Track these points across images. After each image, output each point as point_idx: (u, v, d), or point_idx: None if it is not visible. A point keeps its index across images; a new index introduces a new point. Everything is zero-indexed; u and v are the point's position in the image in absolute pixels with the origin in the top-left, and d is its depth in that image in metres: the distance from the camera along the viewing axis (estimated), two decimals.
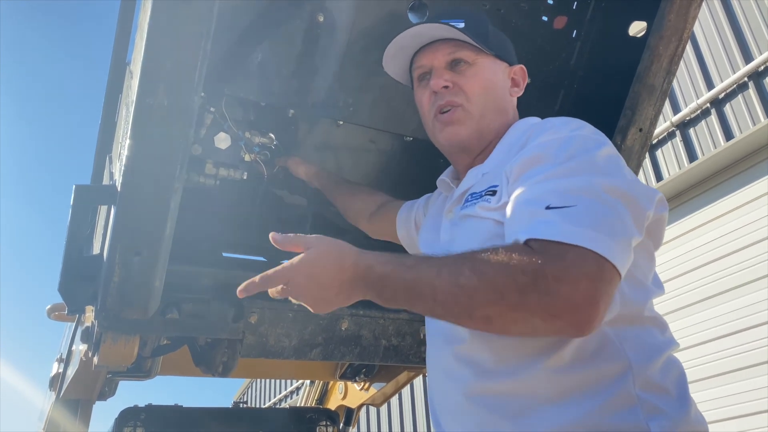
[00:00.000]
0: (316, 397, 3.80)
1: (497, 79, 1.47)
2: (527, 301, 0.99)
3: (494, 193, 1.24)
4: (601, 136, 1.23)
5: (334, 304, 1.18)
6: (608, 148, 1.20)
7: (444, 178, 1.58)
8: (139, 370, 1.93)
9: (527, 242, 1.04)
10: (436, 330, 1.39)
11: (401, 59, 1.55)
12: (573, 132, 1.21)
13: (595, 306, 1.00)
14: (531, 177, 1.16)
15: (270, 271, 1.16)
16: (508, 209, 1.15)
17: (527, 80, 1.54)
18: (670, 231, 6.18)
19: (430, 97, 1.46)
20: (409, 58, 1.54)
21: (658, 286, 1.28)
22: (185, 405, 3.03)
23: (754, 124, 5.33)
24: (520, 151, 1.24)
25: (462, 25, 1.42)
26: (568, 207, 1.06)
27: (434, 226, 1.49)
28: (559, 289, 0.98)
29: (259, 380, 16.84)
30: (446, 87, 1.43)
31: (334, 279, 1.14)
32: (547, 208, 1.07)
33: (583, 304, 0.99)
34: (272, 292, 1.18)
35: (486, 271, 1.02)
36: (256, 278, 1.16)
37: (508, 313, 1.02)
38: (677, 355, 1.23)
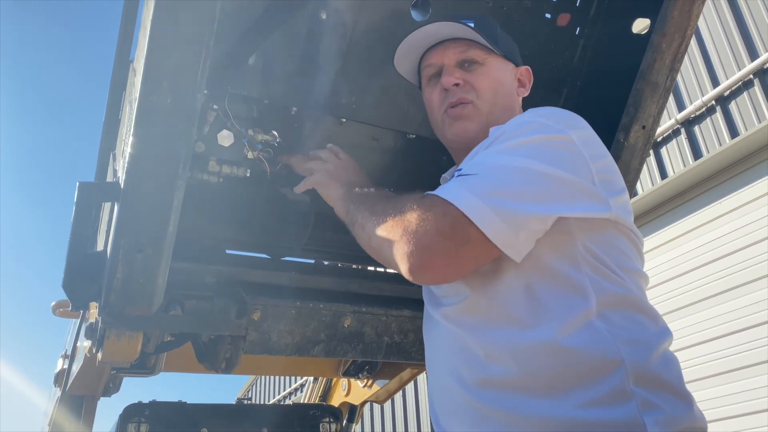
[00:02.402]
0: (319, 394, 3.81)
1: (506, 79, 1.51)
2: (391, 233, 1.18)
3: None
4: (560, 125, 1.25)
5: (331, 182, 1.54)
6: (558, 136, 1.22)
7: (446, 176, 1.62)
8: (143, 367, 1.94)
9: (425, 194, 1.21)
10: (431, 326, 1.41)
11: (411, 58, 1.59)
12: (532, 118, 1.26)
13: (431, 256, 1.12)
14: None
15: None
16: None
17: (532, 80, 1.56)
18: (674, 229, 6.17)
19: (440, 95, 1.50)
20: (419, 58, 1.58)
21: (643, 276, 1.29)
22: (189, 401, 3.04)
23: (760, 122, 5.32)
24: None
25: (472, 25, 1.46)
26: (469, 175, 1.18)
27: None
28: (411, 231, 1.14)
29: (263, 377, 16.89)
30: (457, 84, 1.47)
31: (354, 173, 1.58)
32: (458, 176, 1.20)
33: (420, 251, 1.12)
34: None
35: (387, 204, 1.25)
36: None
37: (380, 238, 1.21)
38: (676, 352, 1.23)
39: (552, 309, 1.16)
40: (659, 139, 6.24)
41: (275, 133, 1.78)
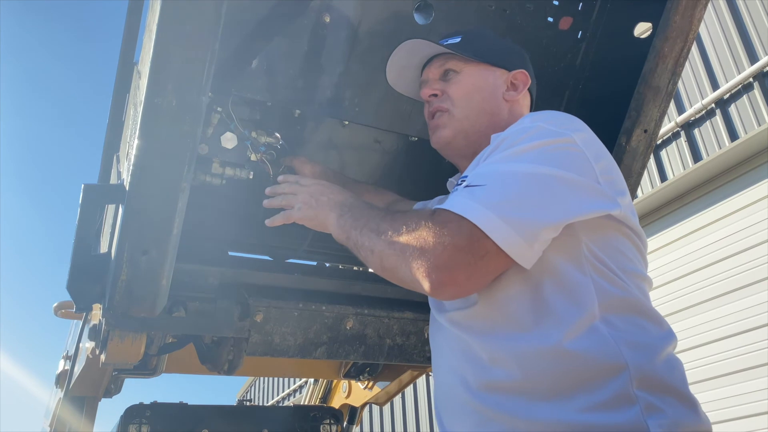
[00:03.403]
0: (319, 396, 3.81)
1: (485, 84, 1.54)
2: (405, 253, 1.16)
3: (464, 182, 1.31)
4: (562, 128, 1.25)
5: (318, 211, 1.45)
6: (561, 139, 1.22)
7: (452, 180, 1.64)
8: (145, 368, 1.94)
9: (434, 210, 1.19)
10: (437, 330, 1.41)
11: (411, 77, 1.67)
12: (533, 123, 1.27)
13: (451, 272, 1.12)
14: (482, 164, 1.27)
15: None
16: None
17: (529, 83, 1.57)
18: (675, 231, 6.18)
19: (426, 107, 1.60)
20: (419, 77, 1.65)
21: (646, 279, 1.29)
22: (190, 402, 3.04)
23: (759, 125, 5.32)
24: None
25: (458, 40, 1.55)
26: (477, 186, 1.17)
27: None
28: (427, 249, 1.13)
29: (263, 378, 16.87)
30: (434, 95, 1.56)
31: (332, 192, 1.47)
32: (465, 187, 1.20)
33: (440, 268, 1.12)
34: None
35: (395, 223, 1.22)
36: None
37: (393, 258, 1.19)
38: (678, 354, 1.23)
39: (557, 312, 1.16)
40: (659, 142, 6.24)
41: (278, 135, 1.79)
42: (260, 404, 15.09)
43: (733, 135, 5.55)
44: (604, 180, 1.22)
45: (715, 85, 5.84)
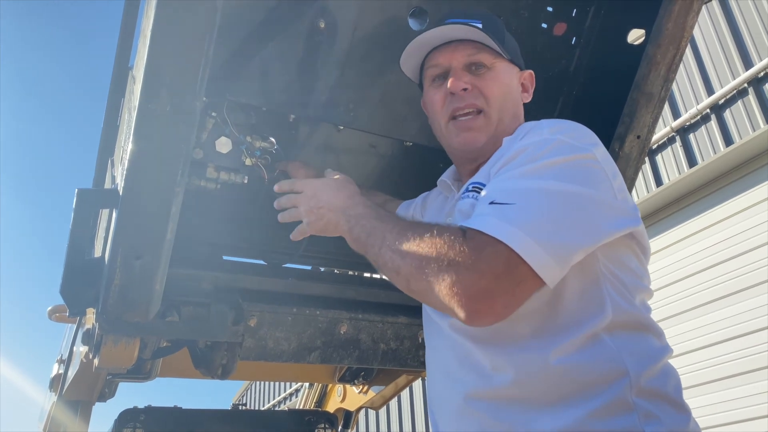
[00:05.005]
0: (314, 400, 3.80)
1: (512, 84, 1.47)
2: (438, 278, 1.08)
3: (479, 190, 1.28)
4: (583, 143, 1.22)
5: (326, 223, 1.41)
6: (583, 155, 1.19)
7: (444, 178, 1.60)
8: (139, 372, 1.94)
9: (463, 229, 1.11)
10: (436, 334, 1.40)
11: (416, 57, 1.52)
12: (553, 135, 1.22)
13: (489, 300, 1.05)
14: (500, 175, 1.21)
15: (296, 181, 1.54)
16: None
17: (535, 85, 1.55)
18: (670, 236, 6.20)
19: (445, 98, 1.44)
20: (423, 57, 1.51)
21: (649, 293, 1.30)
22: (184, 406, 3.04)
23: (754, 130, 5.35)
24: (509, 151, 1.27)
25: (480, 25, 1.40)
26: (506, 204, 1.11)
27: None
28: (463, 276, 1.06)
29: (258, 382, 16.83)
30: (465, 89, 1.40)
31: (327, 196, 1.42)
32: (491, 203, 1.13)
33: (478, 296, 1.05)
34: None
35: (421, 243, 1.13)
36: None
37: (424, 282, 1.11)
38: (673, 360, 1.24)
39: (566, 324, 1.16)
40: (654, 147, 6.27)
41: (273, 139, 1.79)
42: (255, 408, 15.06)
43: (728, 140, 5.57)
44: (621, 197, 1.21)
45: (710, 90, 5.86)
